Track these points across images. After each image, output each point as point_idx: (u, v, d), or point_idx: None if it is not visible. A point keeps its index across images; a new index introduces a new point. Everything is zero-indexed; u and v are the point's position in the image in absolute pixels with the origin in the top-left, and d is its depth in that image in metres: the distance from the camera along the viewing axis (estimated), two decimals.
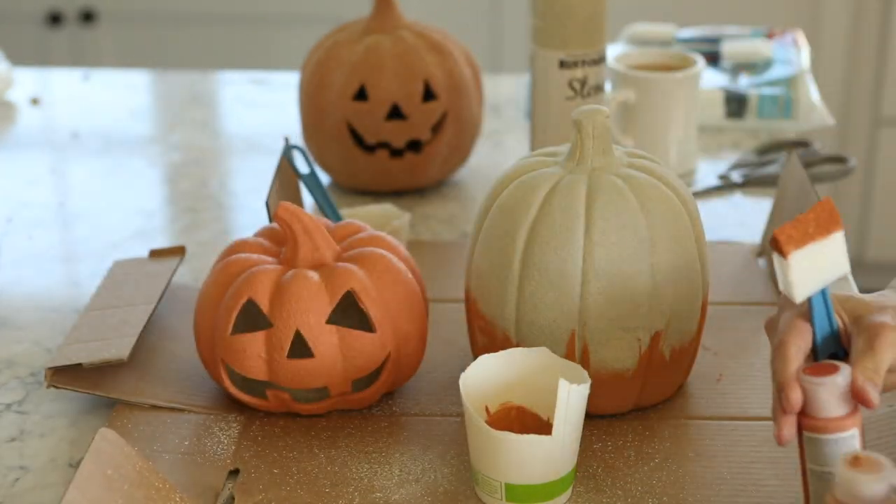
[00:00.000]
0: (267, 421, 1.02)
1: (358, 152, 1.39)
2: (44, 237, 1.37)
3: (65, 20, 2.88)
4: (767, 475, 0.94)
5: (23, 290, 1.26)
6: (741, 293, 1.21)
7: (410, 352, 1.02)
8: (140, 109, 1.76)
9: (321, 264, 1.01)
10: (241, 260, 1.01)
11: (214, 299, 1.00)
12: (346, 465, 0.96)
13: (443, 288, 1.20)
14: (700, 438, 0.99)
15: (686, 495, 0.93)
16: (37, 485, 0.95)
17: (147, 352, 1.09)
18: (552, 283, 0.97)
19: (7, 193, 1.48)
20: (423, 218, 1.39)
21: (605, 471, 0.95)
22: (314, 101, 1.40)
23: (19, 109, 1.74)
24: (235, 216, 1.43)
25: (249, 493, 0.93)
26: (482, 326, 1.02)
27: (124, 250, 1.32)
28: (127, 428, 1.00)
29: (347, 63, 1.38)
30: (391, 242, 1.04)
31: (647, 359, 0.99)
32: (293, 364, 0.98)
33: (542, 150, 1.05)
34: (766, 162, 1.48)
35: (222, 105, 1.81)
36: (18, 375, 1.10)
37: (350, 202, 1.41)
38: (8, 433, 1.02)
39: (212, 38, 2.87)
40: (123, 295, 1.13)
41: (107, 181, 1.51)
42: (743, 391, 1.05)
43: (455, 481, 0.95)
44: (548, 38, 1.30)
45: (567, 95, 1.31)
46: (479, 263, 1.01)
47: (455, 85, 1.39)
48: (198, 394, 1.05)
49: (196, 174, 1.53)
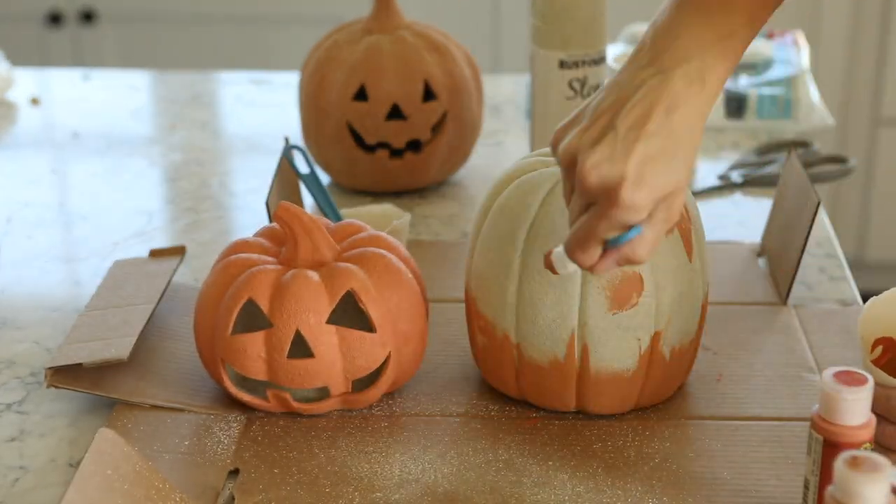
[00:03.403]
0: (267, 421, 1.02)
1: (358, 152, 1.39)
2: (44, 237, 1.37)
3: (65, 20, 2.88)
4: (767, 475, 0.95)
5: (23, 290, 1.26)
6: (741, 293, 1.21)
7: (410, 352, 1.02)
8: (140, 109, 1.76)
9: (321, 264, 1.01)
10: (242, 260, 1.01)
11: (214, 299, 1.00)
12: (346, 465, 0.96)
13: (443, 288, 1.20)
14: (700, 438, 0.99)
15: (686, 495, 0.93)
16: (37, 485, 0.95)
17: (147, 352, 1.09)
18: (552, 283, 0.97)
19: (7, 193, 1.48)
20: (423, 218, 1.39)
21: (605, 471, 0.95)
22: (314, 101, 1.40)
23: (19, 109, 1.74)
24: (235, 216, 1.43)
25: (249, 493, 0.93)
26: (482, 326, 1.02)
27: (124, 250, 1.32)
28: (127, 428, 1.00)
29: (347, 63, 1.38)
30: (391, 242, 1.04)
31: (647, 359, 0.99)
32: (293, 364, 0.98)
33: (542, 150, 1.05)
34: (766, 162, 1.48)
35: (222, 105, 1.81)
36: (18, 375, 1.10)
37: (350, 202, 1.41)
38: (8, 433, 1.02)
39: (212, 38, 2.87)
40: (123, 295, 1.13)
41: (107, 181, 1.51)
42: (743, 391, 1.05)
43: (455, 481, 0.95)
44: (548, 38, 1.30)
45: (567, 95, 1.31)
46: (479, 263, 1.01)
47: (455, 85, 1.39)
48: (198, 394, 1.05)
49: (196, 174, 1.53)
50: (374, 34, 1.39)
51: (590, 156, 0.84)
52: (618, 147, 0.84)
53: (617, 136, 0.84)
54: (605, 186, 0.84)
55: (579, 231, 0.86)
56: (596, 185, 0.84)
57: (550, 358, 0.99)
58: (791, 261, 1.16)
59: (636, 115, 0.84)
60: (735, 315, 1.16)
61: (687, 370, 1.04)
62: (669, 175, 0.84)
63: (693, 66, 0.85)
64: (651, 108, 0.84)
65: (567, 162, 0.87)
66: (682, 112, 0.85)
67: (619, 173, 0.83)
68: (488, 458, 0.97)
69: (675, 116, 0.84)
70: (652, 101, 0.84)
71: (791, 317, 1.16)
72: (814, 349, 1.11)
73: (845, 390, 0.82)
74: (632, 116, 0.84)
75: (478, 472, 0.96)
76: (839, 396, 0.82)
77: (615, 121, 0.84)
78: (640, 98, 0.85)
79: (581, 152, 0.85)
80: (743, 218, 1.37)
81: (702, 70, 0.85)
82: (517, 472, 0.95)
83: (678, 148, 0.85)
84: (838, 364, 1.02)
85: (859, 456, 0.72)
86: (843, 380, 0.82)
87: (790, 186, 1.22)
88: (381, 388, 1.01)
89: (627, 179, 0.83)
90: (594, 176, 0.84)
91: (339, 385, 1.00)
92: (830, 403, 0.82)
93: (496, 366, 1.02)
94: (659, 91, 0.85)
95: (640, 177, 0.83)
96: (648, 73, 0.85)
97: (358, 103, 1.37)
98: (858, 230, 2.85)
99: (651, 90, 0.85)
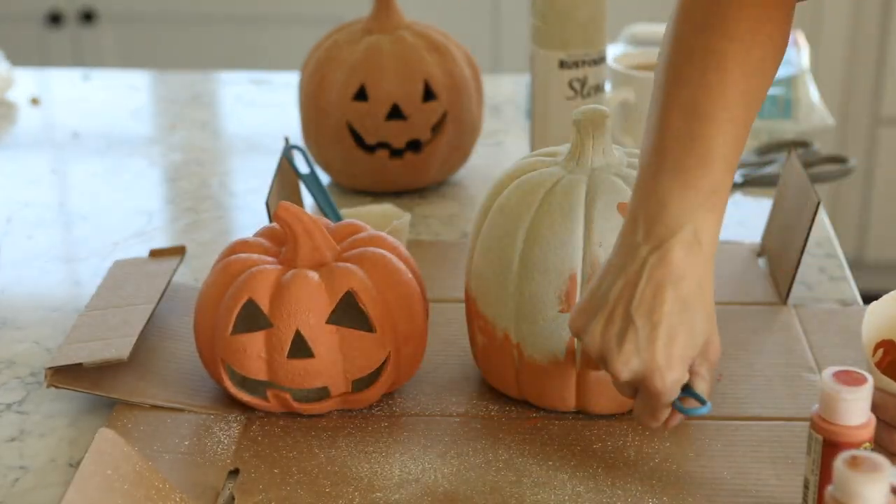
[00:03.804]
0: (267, 421, 1.02)
1: (358, 152, 1.39)
2: (44, 237, 1.37)
3: (65, 20, 2.88)
4: (767, 475, 0.95)
5: (23, 290, 1.26)
6: (741, 293, 1.21)
7: (410, 352, 1.02)
8: (140, 109, 1.76)
9: (321, 264, 1.01)
10: (242, 260, 1.01)
11: (214, 299, 1.00)
12: (346, 465, 0.96)
13: (443, 288, 1.20)
14: (700, 438, 0.99)
15: (686, 495, 0.93)
16: (37, 485, 0.95)
17: (147, 352, 1.09)
18: (552, 283, 0.97)
19: (7, 193, 1.48)
20: (423, 218, 1.39)
21: (605, 471, 0.95)
22: (314, 101, 1.40)
23: (19, 109, 1.74)
24: (235, 216, 1.43)
25: (249, 493, 0.93)
26: (482, 326, 1.02)
27: (124, 250, 1.32)
28: (127, 428, 1.00)
29: (347, 63, 1.38)
30: (391, 242, 1.04)
31: None
32: (293, 364, 0.98)
33: (542, 150, 1.05)
34: (766, 162, 1.48)
35: (222, 105, 1.81)
36: (18, 375, 1.10)
37: (350, 202, 1.41)
38: (8, 433, 1.02)
39: (212, 38, 2.87)
40: (123, 295, 1.13)
41: (107, 181, 1.51)
42: (743, 391, 1.05)
43: (455, 481, 0.95)
44: (548, 38, 1.31)
45: (567, 95, 1.31)
46: (479, 263, 1.01)
47: (455, 85, 1.39)
48: (198, 394, 1.05)
49: (196, 174, 1.53)
50: (374, 34, 1.39)
51: (619, 356, 0.88)
52: (640, 340, 0.88)
53: (637, 330, 0.87)
54: (640, 378, 0.89)
55: (640, 413, 0.92)
56: (630, 379, 0.89)
57: (550, 358, 0.99)
58: (791, 261, 1.16)
59: (648, 302, 0.87)
60: (735, 315, 1.16)
61: None
62: (694, 340, 0.89)
63: (687, 231, 0.87)
64: (660, 289, 0.87)
65: (597, 359, 0.91)
66: (689, 280, 0.87)
67: (648, 365, 0.88)
68: (488, 458, 0.97)
69: (684, 287, 0.87)
70: (658, 281, 0.87)
71: (791, 317, 1.16)
72: (814, 349, 1.11)
73: (845, 390, 0.82)
74: (645, 305, 0.87)
75: (478, 472, 0.96)
76: (838, 396, 0.82)
77: (630, 312, 0.87)
78: (646, 282, 0.87)
79: (608, 353, 0.89)
80: (743, 218, 1.37)
81: (696, 233, 0.87)
82: (517, 472, 0.95)
83: (695, 313, 0.88)
84: (838, 364, 1.02)
85: (859, 456, 0.72)
86: (842, 379, 0.82)
87: (790, 186, 1.22)
88: (381, 388, 1.01)
89: (658, 367, 0.88)
90: (626, 373, 0.89)
91: (339, 385, 1.00)
92: (830, 403, 0.82)
93: (496, 366, 1.02)
94: (662, 269, 0.87)
95: (668, 359, 0.88)
96: (646, 251, 0.88)
97: (358, 103, 1.37)
98: (858, 230, 2.85)
99: (654, 269, 0.87)
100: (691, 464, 0.96)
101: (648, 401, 0.91)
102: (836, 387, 0.82)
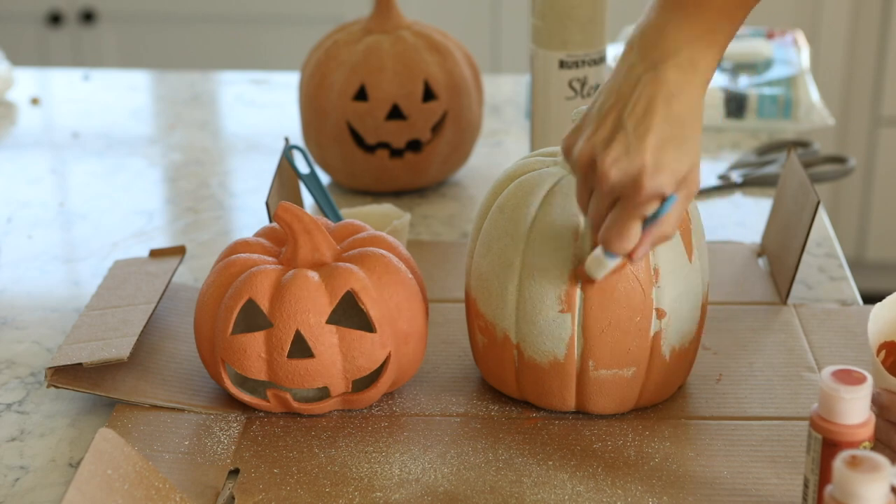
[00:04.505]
0: (267, 421, 1.02)
1: (358, 152, 1.40)
2: (44, 237, 1.37)
3: (65, 20, 2.88)
4: (767, 475, 0.95)
5: (23, 290, 1.26)
6: (741, 293, 1.21)
7: (410, 352, 1.02)
8: (140, 109, 1.76)
9: (321, 264, 1.01)
10: (242, 260, 1.01)
11: (214, 299, 1.00)
12: (346, 465, 0.96)
13: (443, 288, 1.20)
14: (700, 438, 0.99)
15: (686, 495, 0.93)
16: (37, 485, 0.95)
17: (147, 352, 1.09)
18: (552, 283, 0.97)
19: (7, 193, 1.48)
20: (423, 218, 1.39)
21: (605, 471, 0.95)
22: (314, 101, 1.40)
23: (19, 109, 1.74)
24: (235, 216, 1.43)
25: (249, 493, 0.93)
26: (482, 326, 1.02)
27: (124, 250, 1.32)
28: (127, 428, 1.00)
29: (347, 63, 1.38)
30: (391, 242, 1.04)
31: (647, 359, 0.99)
32: (293, 364, 0.98)
33: (542, 150, 1.05)
34: (766, 162, 1.48)
35: (222, 105, 1.81)
36: (18, 375, 1.10)
37: (350, 202, 1.41)
38: (8, 433, 1.02)
39: (212, 38, 2.87)
40: (123, 295, 1.13)
41: (107, 181, 1.52)
42: (743, 391, 1.05)
43: (455, 481, 0.95)
44: (548, 38, 1.30)
45: (567, 95, 1.31)
46: (479, 263, 1.01)
47: (455, 85, 1.39)
48: (198, 394, 1.05)
49: (196, 174, 1.53)
50: (374, 34, 1.39)
51: (607, 154, 0.89)
52: (631, 141, 0.88)
53: (627, 132, 0.88)
54: (628, 179, 0.88)
55: (615, 223, 0.90)
56: (618, 179, 0.89)
57: (550, 358, 0.99)
58: (791, 261, 1.16)
59: (640, 109, 0.88)
60: (735, 315, 1.16)
61: (687, 370, 1.04)
62: (683, 156, 0.89)
63: (683, 56, 0.89)
64: (652, 101, 0.88)
65: (584, 165, 0.91)
66: (681, 99, 0.89)
67: (638, 164, 0.88)
68: (488, 458, 0.97)
69: (676, 104, 0.88)
70: (651, 94, 0.88)
71: (791, 316, 1.16)
72: (814, 349, 1.11)
73: (844, 389, 0.82)
74: (637, 112, 0.88)
75: (478, 472, 0.96)
76: (838, 395, 0.82)
77: (622, 119, 0.89)
78: (639, 94, 0.89)
79: (597, 153, 0.89)
80: (743, 218, 1.37)
81: (692, 59, 0.89)
82: (517, 471, 0.95)
83: (685, 131, 0.89)
84: (838, 364, 1.02)
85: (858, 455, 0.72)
86: (841, 379, 0.82)
87: (790, 186, 1.22)
88: (381, 388, 1.01)
89: (647, 167, 0.88)
90: (615, 172, 0.88)
91: (339, 385, 1.00)
92: (829, 402, 0.82)
93: (496, 366, 1.02)
94: (656, 84, 0.89)
95: (658, 162, 0.88)
96: (641, 70, 0.89)
97: (358, 103, 1.38)
98: (858, 230, 2.85)
99: (648, 84, 0.89)
100: (691, 464, 0.96)
101: (624, 209, 0.90)
102: (835, 386, 0.82)
